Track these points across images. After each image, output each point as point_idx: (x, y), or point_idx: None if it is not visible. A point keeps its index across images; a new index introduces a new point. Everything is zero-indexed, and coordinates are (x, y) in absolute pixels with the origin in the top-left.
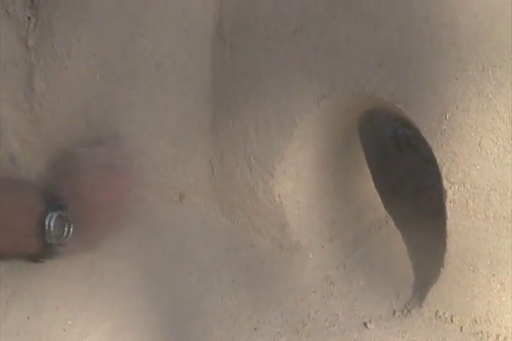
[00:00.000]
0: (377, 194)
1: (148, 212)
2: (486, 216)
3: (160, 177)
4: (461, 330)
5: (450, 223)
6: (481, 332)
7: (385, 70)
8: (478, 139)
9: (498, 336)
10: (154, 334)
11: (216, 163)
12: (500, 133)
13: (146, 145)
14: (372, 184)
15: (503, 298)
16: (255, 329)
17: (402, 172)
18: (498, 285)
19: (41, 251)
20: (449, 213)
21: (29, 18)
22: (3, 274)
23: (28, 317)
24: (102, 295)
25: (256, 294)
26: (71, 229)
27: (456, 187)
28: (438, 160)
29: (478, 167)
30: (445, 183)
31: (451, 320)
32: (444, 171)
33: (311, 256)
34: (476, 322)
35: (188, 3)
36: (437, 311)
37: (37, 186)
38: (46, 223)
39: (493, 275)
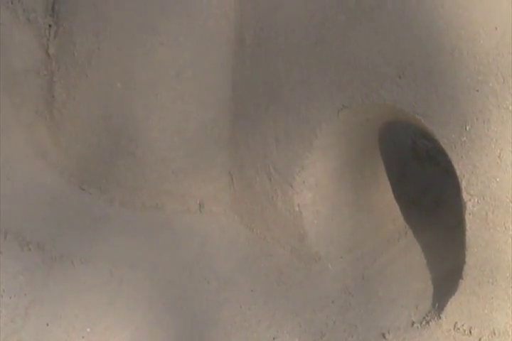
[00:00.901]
0: (397, 205)
1: (167, 221)
2: (506, 228)
3: (179, 186)
4: None
5: (469, 235)
6: None
7: (406, 82)
8: (498, 151)
9: None
10: None
11: (236, 172)
12: None
13: (166, 154)
14: (392, 195)
15: None
16: (274, 339)
17: (422, 183)
18: None
19: None
20: (468, 225)
21: (50, 25)
22: (22, 282)
23: (47, 325)
24: (121, 303)
25: (274, 304)
26: None
27: (476, 200)
28: (458, 172)
29: (497, 179)
30: (464, 195)
31: (470, 332)
32: (463, 183)
33: (329, 266)
34: (494, 334)
35: (209, 13)
36: (456, 323)
37: None
38: None
39: None
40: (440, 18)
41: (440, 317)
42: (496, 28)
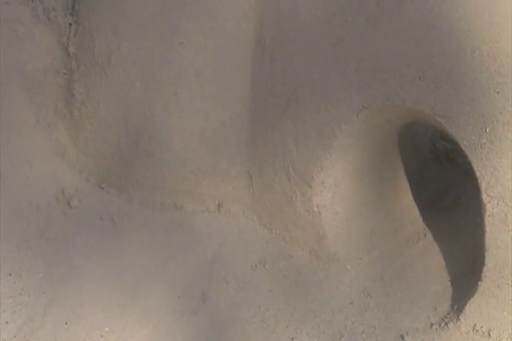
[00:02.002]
0: (416, 206)
1: (186, 221)
2: None
3: (198, 185)
4: None
5: (488, 237)
6: None
7: (426, 83)
8: None
9: None
10: None
11: (254, 173)
12: None
13: (185, 154)
14: (411, 196)
15: None
16: (292, 339)
17: (441, 185)
18: None
19: None
20: (487, 227)
21: (70, 24)
22: (41, 280)
23: (66, 323)
24: (140, 302)
25: (293, 304)
26: None
27: (495, 201)
28: (477, 174)
29: None
30: (484, 197)
31: (489, 334)
32: (483, 185)
33: (348, 267)
34: None
35: (228, 13)
36: (475, 325)
37: None
38: None
39: None
40: (461, 20)
41: (459, 319)
42: None
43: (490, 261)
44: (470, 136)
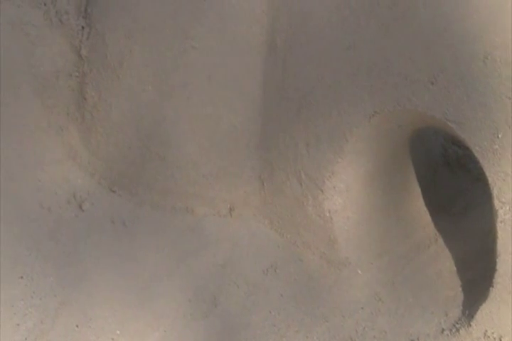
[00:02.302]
0: (427, 211)
1: (197, 224)
2: None
3: (210, 189)
4: None
5: (500, 243)
6: None
7: (438, 88)
8: None
9: None
10: None
11: (266, 177)
12: None
13: (197, 157)
14: (422, 201)
15: None
16: None
17: (452, 190)
18: None
19: None
20: (499, 233)
21: (83, 27)
22: (52, 282)
23: (77, 326)
24: (151, 306)
25: (304, 309)
26: None
27: (507, 207)
28: (489, 180)
29: None
30: (496, 203)
31: (500, 340)
32: (495, 191)
33: (359, 272)
34: None
35: (240, 17)
36: (486, 331)
37: None
38: None
39: None
40: (473, 25)
41: (470, 325)
42: None
43: (501, 266)
44: (482, 141)
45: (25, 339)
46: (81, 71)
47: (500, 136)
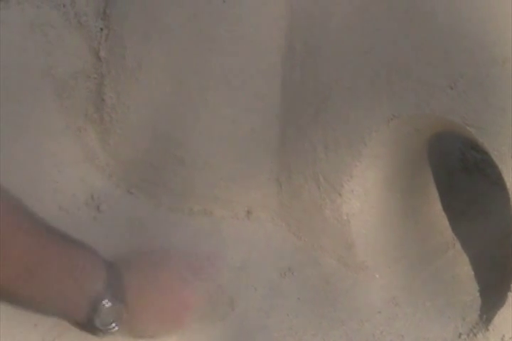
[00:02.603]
0: (445, 216)
1: (214, 227)
2: None
3: (227, 192)
4: None
5: None
6: None
7: (456, 93)
8: None
9: None
10: None
11: (284, 180)
12: None
13: (215, 160)
14: (440, 206)
15: None
16: None
17: (470, 195)
18: None
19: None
20: None
21: (101, 29)
22: None
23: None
24: None
25: (321, 312)
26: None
27: None
28: (507, 185)
29: None
30: None
31: None
32: None
33: (377, 276)
34: None
35: (259, 20)
36: (503, 336)
37: (94, 251)
38: (100, 308)
39: None
40: (492, 30)
41: (488, 330)
42: None
43: None
44: (501, 146)
45: (43, 340)
46: (99, 73)
47: None
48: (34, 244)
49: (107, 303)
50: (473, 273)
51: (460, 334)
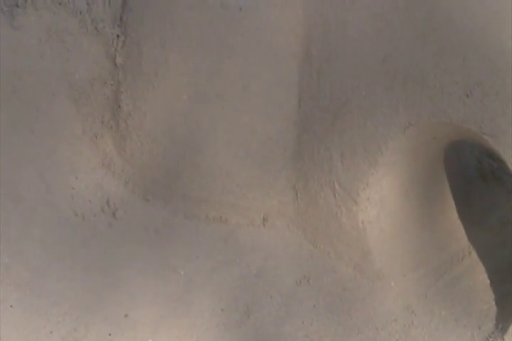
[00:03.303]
0: (461, 224)
1: (230, 234)
2: None
3: (244, 199)
4: None
5: None
6: None
7: (473, 101)
8: None
9: None
10: None
11: (300, 187)
12: None
13: (231, 167)
14: (456, 214)
15: None
16: None
17: (486, 203)
18: None
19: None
20: None
21: (118, 35)
22: (85, 290)
23: (110, 335)
24: (184, 315)
25: (337, 320)
26: None
27: None
28: None
29: None
30: None
31: None
32: None
33: (392, 284)
34: None
35: (276, 28)
36: None
37: None
38: None
39: None
40: (509, 39)
41: (503, 339)
42: None
43: None
44: None
45: None
46: (116, 79)
47: None
48: None
49: None
50: (489, 281)
51: None
